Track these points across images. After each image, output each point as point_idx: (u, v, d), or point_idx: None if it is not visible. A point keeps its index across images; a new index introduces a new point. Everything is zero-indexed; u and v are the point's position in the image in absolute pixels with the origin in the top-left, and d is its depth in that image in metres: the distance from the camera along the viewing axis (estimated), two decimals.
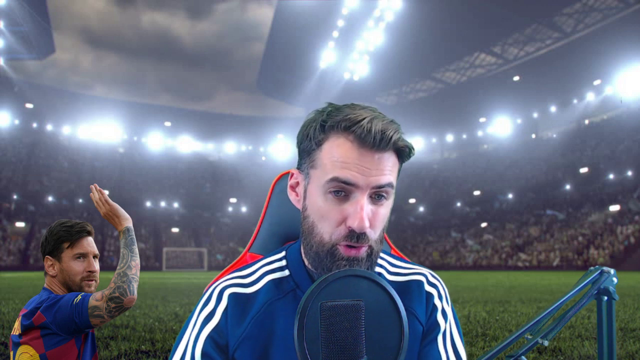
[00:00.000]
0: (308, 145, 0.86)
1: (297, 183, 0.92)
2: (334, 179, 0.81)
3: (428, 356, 0.92)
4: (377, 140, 0.80)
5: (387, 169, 0.82)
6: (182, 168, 70.86)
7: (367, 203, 0.82)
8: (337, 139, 0.82)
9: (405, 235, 58.33)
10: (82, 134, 67.24)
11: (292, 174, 0.93)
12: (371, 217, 0.83)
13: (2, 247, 47.15)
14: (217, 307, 0.90)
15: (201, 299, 0.94)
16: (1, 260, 45.05)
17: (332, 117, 0.83)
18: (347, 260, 0.83)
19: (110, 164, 65.73)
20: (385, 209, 0.86)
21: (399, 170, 0.88)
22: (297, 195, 0.92)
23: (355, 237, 0.82)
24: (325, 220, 0.84)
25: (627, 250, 38.04)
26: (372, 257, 0.86)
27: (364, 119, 0.80)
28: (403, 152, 0.85)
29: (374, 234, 0.84)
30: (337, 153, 0.82)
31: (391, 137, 0.80)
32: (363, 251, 0.84)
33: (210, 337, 0.88)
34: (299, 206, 0.91)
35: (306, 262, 0.93)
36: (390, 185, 0.83)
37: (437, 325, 0.94)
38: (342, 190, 0.82)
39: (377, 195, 0.83)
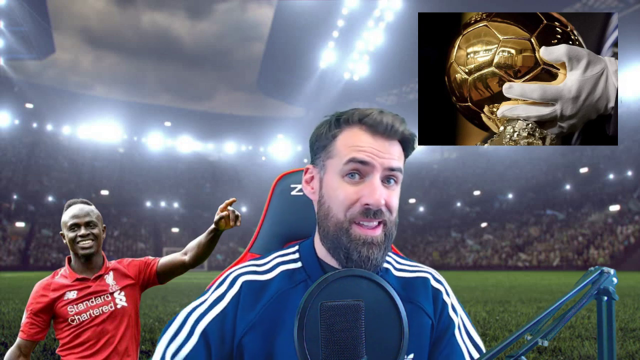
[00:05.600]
0: (323, 140, 0.95)
1: (312, 177, 0.98)
2: (351, 160, 0.89)
3: (451, 353, 0.97)
4: (387, 129, 0.90)
5: (396, 155, 0.92)
6: (182, 168, 70.84)
7: (380, 184, 0.90)
8: (351, 130, 0.92)
9: (405, 235, 58.31)
10: (82, 134, 67.20)
11: (307, 169, 1.00)
12: (385, 198, 0.90)
13: (2, 247, 47.13)
14: (228, 292, 0.95)
15: (217, 281, 0.99)
16: (1, 260, 45.04)
17: (345, 113, 0.94)
18: (364, 241, 0.88)
19: (110, 164, 65.69)
20: (396, 195, 0.93)
21: (404, 164, 0.96)
22: (312, 188, 0.98)
23: (372, 213, 0.88)
24: (340, 201, 0.90)
25: (627, 250, 38.05)
26: (387, 239, 0.91)
27: (374, 112, 0.92)
28: (408, 142, 0.95)
29: (389, 214, 0.91)
30: (352, 140, 0.91)
31: (398, 127, 0.92)
32: (379, 232, 0.90)
33: (215, 319, 0.92)
34: (315, 198, 0.97)
35: (319, 254, 0.97)
36: (399, 170, 0.92)
37: (451, 321, 1.00)
38: (357, 171, 0.90)
39: (387, 179, 0.91)
